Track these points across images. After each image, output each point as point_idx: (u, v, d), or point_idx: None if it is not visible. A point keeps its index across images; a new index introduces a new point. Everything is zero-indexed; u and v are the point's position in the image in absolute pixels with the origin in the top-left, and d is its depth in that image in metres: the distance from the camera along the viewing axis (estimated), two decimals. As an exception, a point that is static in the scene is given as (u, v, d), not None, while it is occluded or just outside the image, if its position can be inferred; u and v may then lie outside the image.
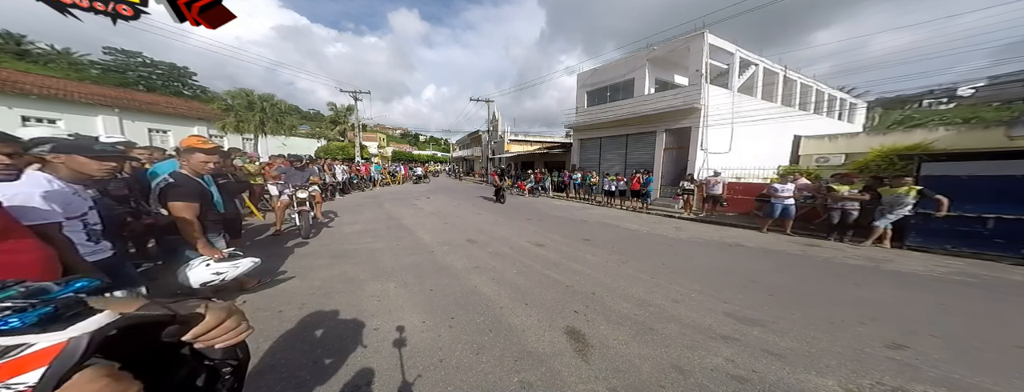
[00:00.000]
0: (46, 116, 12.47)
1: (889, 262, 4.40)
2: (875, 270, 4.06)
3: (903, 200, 4.88)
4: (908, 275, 3.88)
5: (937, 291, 3.37)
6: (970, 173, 4.80)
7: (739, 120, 10.39)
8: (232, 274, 2.30)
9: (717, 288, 3.24)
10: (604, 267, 3.89)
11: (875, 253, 4.87)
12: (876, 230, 5.14)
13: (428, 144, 68.32)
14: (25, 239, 1.23)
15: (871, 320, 2.61)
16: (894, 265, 4.27)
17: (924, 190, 4.76)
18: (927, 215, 4.87)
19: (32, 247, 1.24)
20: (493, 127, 23.88)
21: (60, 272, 1.33)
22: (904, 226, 5.09)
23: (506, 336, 2.27)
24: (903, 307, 2.93)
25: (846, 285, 3.48)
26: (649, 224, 7.26)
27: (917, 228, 5.06)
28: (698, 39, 10.04)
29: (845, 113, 16.80)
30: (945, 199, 4.54)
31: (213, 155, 2.35)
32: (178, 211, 2.12)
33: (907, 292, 3.30)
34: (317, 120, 30.48)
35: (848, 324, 2.54)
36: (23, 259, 1.19)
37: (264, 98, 16.27)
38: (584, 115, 14.28)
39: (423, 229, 5.94)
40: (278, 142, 19.09)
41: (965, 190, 4.65)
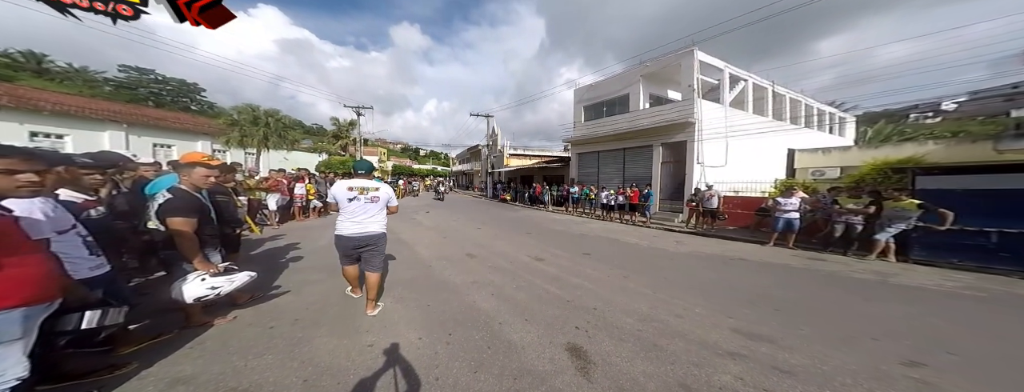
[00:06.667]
0: (54, 132, 12.63)
1: (896, 276, 4.32)
2: (883, 284, 3.98)
3: (904, 214, 4.87)
4: (917, 289, 3.79)
5: (948, 306, 3.28)
6: (964, 187, 4.82)
7: (733, 134, 10.57)
8: (227, 288, 2.25)
9: (722, 303, 3.16)
10: (605, 282, 3.81)
11: (881, 267, 4.79)
12: (878, 244, 5.09)
13: (428, 158, 69.02)
14: (35, 253, 1.26)
15: (883, 336, 2.53)
16: (902, 279, 4.19)
17: (925, 204, 4.75)
18: (929, 229, 4.84)
19: (40, 261, 1.27)
20: (492, 141, 24.23)
21: (60, 286, 1.33)
22: (907, 240, 5.05)
23: (505, 353, 2.18)
24: (915, 322, 2.84)
25: (854, 300, 3.39)
26: (649, 238, 7.20)
27: (921, 242, 5.01)
28: (688, 56, 10.42)
29: (836, 127, 17.13)
30: (950, 213, 4.52)
31: (214, 170, 2.37)
32: (176, 226, 2.10)
33: (918, 307, 3.22)
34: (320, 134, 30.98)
35: (860, 340, 2.45)
36: (32, 272, 1.21)
37: (269, 113, 16.58)
38: (581, 129, 14.53)
39: (421, 244, 5.87)
40: (280, 156, 19.27)
41: (960, 203, 4.64)
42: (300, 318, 2.65)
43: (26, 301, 1.16)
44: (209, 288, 2.15)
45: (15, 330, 1.14)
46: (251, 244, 5.39)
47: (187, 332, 2.30)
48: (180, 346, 2.14)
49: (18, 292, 1.14)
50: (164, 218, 2.11)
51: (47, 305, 1.26)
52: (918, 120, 27.19)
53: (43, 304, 1.24)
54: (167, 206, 2.11)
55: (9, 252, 1.13)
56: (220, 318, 2.52)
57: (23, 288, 1.16)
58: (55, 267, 1.35)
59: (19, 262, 1.16)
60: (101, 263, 1.80)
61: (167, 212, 2.10)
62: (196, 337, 2.26)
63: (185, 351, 2.10)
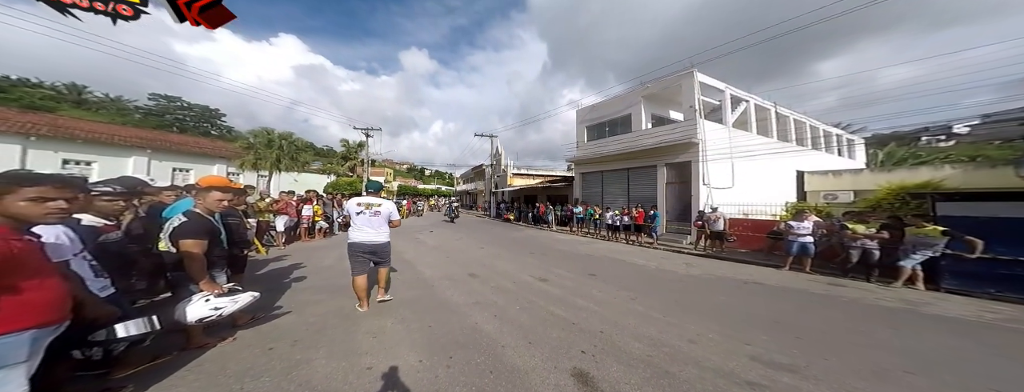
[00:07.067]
0: (84, 159, 13.33)
1: (928, 305, 4.06)
2: (913, 313, 3.74)
3: (928, 241, 4.68)
4: (953, 320, 3.54)
5: (990, 340, 3.02)
6: (990, 214, 4.61)
7: (738, 155, 10.58)
8: (230, 309, 2.25)
9: (737, 328, 3.00)
10: (612, 304, 3.68)
11: (909, 295, 4.52)
12: (903, 271, 4.85)
13: (433, 178, 70.07)
14: (53, 277, 1.30)
15: (920, 370, 2.33)
16: (934, 309, 3.92)
17: (950, 231, 4.57)
18: (959, 257, 4.59)
19: (56, 285, 1.30)
20: (496, 161, 24.60)
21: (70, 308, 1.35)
22: (936, 267, 4.79)
23: (508, 378, 2.08)
24: (953, 355, 2.63)
25: (883, 329, 3.18)
26: (657, 259, 7.01)
27: (951, 270, 4.72)
28: (688, 77, 10.68)
29: (844, 149, 17.05)
30: (979, 241, 4.33)
31: (227, 194, 2.46)
32: (187, 248, 2.16)
33: (956, 339, 2.99)
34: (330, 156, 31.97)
35: (893, 373, 2.27)
36: (49, 296, 1.24)
37: (283, 136, 17.31)
38: (584, 149, 14.72)
39: (424, 263, 5.81)
40: (290, 178, 19.81)
41: (989, 231, 4.43)
42: (300, 339, 2.59)
43: (38, 324, 1.18)
44: (212, 309, 2.15)
45: (22, 353, 1.14)
46: (256, 264, 5.40)
47: (185, 354, 2.26)
48: (177, 368, 2.10)
49: (33, 315, 1.16)
50: (176, 240, 2.17)
51: (55, 327, 1.27)
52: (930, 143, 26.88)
53: (52, 327, 1.26)
54: (180, 229, 2.18)
55: (30, 276, 1.16)
56: (221, 339, 2.48)
57: (38, 311, 1.18)
58: (68, 289, 1.37)
59: (38, 285, 1.19)
60: (105, 285, 1.83)
61: (180, 235, 2.16)
62: (194, 359, 2.21)
63: (182, 374, 2.05)
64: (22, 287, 1.13)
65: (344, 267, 5.45)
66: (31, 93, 28.56)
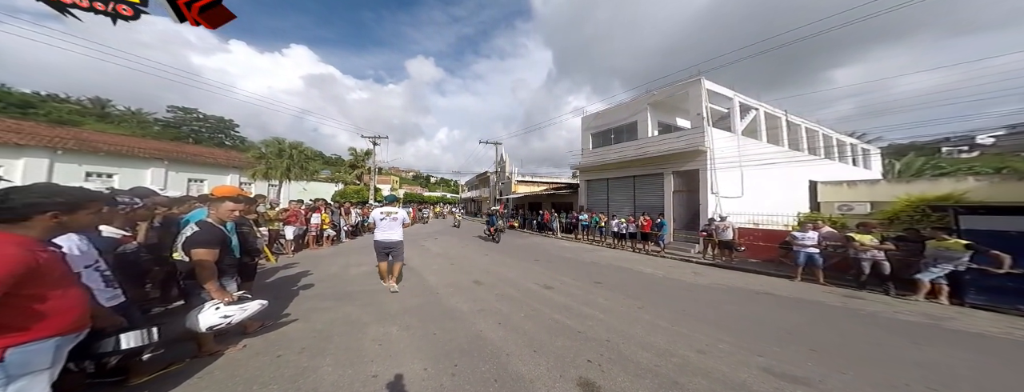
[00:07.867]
0: (106, 171, 13.81)
1: (951, 320, 3.89)
2: (935, 328, 3.59)
3: (950, 255, 4.53)
4: (978, 336, 3.39)
5: (1019, 357, 2.89)
6: (1019, 229, 4.42)
7: (747, 163, 10.44)
8: (239, 317, 2.30)
9: (748, 339, 2.93)
10: (618, 312, 3.63)
11: (930, 309, 4.35)
12: (922, 284, 4.68)
13: (438, 185, 70.63)
14: (76, 286, 1.38)
15: (944, 387, 2.24)
16: (958, 324, 3.76)
17: (973, 244, 4.41)
18: (985, 271, 4.41)
19: (79, 293, 1.37)
20: (501, 168, 24.71)
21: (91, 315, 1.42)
22: (960, 281, 4.59)
23: (512, 387, 2.06)
24: (978, 372, 2.52)
25: (903, 343, 3.07)
26: (665, 268, 6.89)
27: (977, 284, 4.53)
28: (695, 85, 10.60)
29: (859, 159, 16.66)
30: (1006, 256, 4.17)
31: (240, 204, 2.54)
32: (199, 256, 2.22)
33: (982, 356, 2.85)
34: (338, 164, 32.53)
35: (915, 389, 2.19)
36: (70, 304, 1.30)
37: (293, 146, 17.76)
38: (590, 157, 14.66)
39: (429, 270, 5.82)
40: (300, 187, 20.18)
41: (1017, 246, 4.26)
42: (307, 346, 2.61)
43: (61, 331, 1.22)
44: (222, 317, 2.19)
45: (46, 360, 1.18)
46: (265, 272, 5.48)
47: (197, 362, 2.30)
48: (190, 376, 2.14)
49: (56, 323, 1.21)
50: (189, 249, 2.23)
51: (77, 335, 1.32)
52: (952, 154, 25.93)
53: (74, 334, 1.30)
54: (193, 238, 2.25)
55: (53, 285, 1.22)
56: (231, 347, 2.52)
57: (61, 319, 1.23)
58: (87, 297, 1.44)
59: (62, 294, 1.24)
60: (116, 294, 1.87)
61: (192, 244, 2.23)
62: (205, 367, 2.25)
63: (194, 381, 2.09)
64: (47, 296, 1.18)
65: (350, 275, 5.56)
66: (59, 108, 30.05)
